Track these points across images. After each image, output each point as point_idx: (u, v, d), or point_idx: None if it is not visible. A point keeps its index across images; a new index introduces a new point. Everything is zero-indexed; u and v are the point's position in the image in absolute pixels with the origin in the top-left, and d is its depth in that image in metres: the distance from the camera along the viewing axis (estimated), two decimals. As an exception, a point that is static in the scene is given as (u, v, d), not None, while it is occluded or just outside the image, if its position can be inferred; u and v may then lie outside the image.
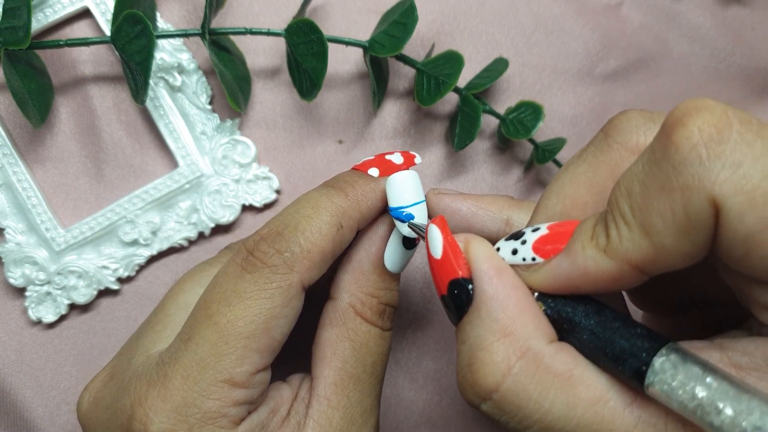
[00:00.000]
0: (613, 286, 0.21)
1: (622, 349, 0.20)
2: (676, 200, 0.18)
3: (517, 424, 0.21)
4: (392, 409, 0.39)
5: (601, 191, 0.23)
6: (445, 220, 0.24)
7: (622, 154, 0.22)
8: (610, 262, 0.20)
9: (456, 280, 0.23)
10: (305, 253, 0.26)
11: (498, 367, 0.21)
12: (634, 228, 0.19)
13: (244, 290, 0.26)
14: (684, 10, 0.41)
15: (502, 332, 0.21)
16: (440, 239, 0.24)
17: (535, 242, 0.22)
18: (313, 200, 0.28)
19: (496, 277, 0.22)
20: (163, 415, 0.25)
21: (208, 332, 0.25)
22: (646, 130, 0.22)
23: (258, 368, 0.26)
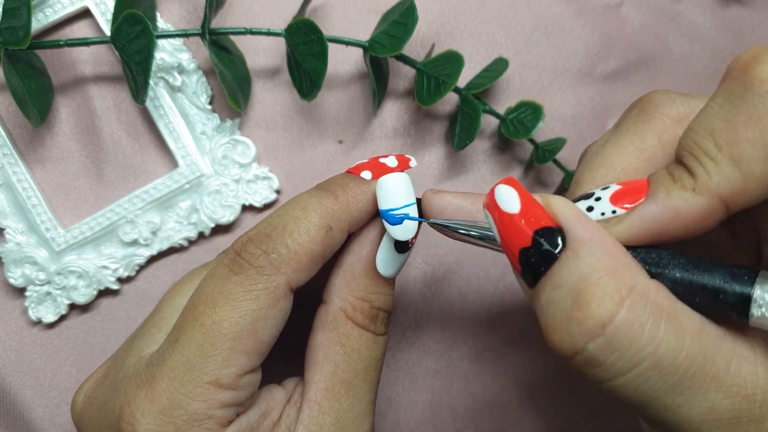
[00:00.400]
0: (702, 225, 0.21)
1: (721, 279, 0.21)
2: (765, 126, 0.20)
3: (626, 362, 0.21)
4: (392, 409, 0.39)
5: (650, 157, 0.24)
6: (516, 180, 0.24)
7: (666, 123, 0.24)
8: (700, 199, 0.21)
9: (543, 228, 0.22)
10: (292, 255, 0.26)
11: (612, 298, 0.21)
12: (722, 162, 0.21)
13: (230, 291, 0.26)
14: (684, 10, 0.41)
15: (608, 269, 0.21)
16: (515, 194, 0.23)
17: (612, 196, 0.23)
18: (302, 202, 0.28)
19: (588, 222, 0.22)
20: (150, 417, 0.25)
21: (194, 334, 0.25)
22: (682, 102, 0.24)
23: (245, 370, 0.25)
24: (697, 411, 0.21)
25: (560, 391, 0.40)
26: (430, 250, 0.40)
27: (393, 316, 0.40)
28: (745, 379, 0.21)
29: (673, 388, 0.21)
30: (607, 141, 0.26)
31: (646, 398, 0.21)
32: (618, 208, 0.22)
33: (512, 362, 0.40)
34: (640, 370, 0.21)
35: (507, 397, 0.40)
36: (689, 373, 0.20)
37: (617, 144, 0.25)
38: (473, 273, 0.40)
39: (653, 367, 0.20)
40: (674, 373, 0.20)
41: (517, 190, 0.23)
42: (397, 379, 0.39)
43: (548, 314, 0.22)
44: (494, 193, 0.24)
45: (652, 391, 0.21)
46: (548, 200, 0.23)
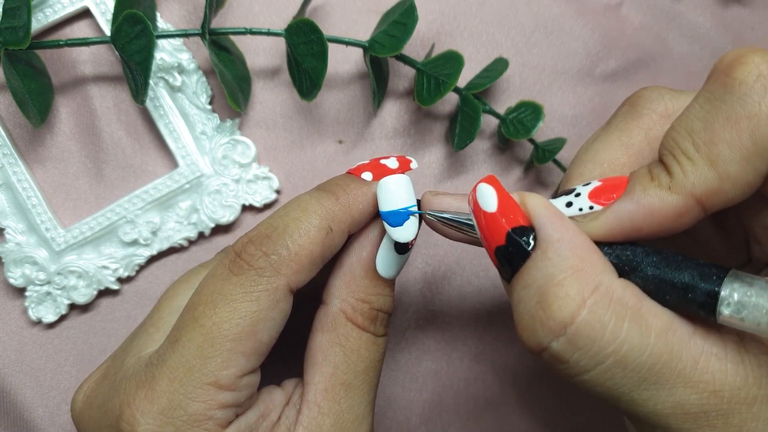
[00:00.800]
0: (677, 223, 0.22)
1: (691, 277, 0.21)
2: (743, 128, 0.20)
3: (589, 360, 0.21)
4: (392, 409, 0.39)
5: (637, 153, 0.24)
6: (496, 179, 0.25)
7: (653, 119, 0.24)
8: (675, 197, 0.21)
9: (517, 228, 0.23)
10: (293, 256, 0.26)
11: (573, 300, 0.21)
12: (698, 162, 0.21)
13: (230, 292, 0.26)
14: (684, 10, 0.41)
15: (573, 269, 0.22)
16: (493, 193, 0.24)
17: (591, 192, 0.23)
18: (303, 203, 0.28)
19: (560, 222, 0.23)
20: (150, 417, 0.25)
21: (194, 334, 0.25)
22: (671, 98, 0.24)
23: (244, 371, 0.25)
24: (664, 405, 0.21)
25: (560, 391, 0.40)
26: (430, 250, 0.40)
27: (393, 316, 0.40)
28: (713, 375, 0.21)
29: (638, 384, 0.21)
30: (596, 137, 0.26)
31: (613, 393, 0.21)
32: (595, 205, 0.23)
33: (512, 362, 0.40)
34: (603, 367, 0.21)
35: (507, 397, 0.40)
36: (654, 370, 0.21)
37: (605, 140, 0.26)
38: (473, 273, 0.40)
39: (617, 364, 0.21)
40: (639, 369, 0.21)
41: (496, 188, 0.24)
42: (397, 379, 0.39)
43: (518, 312, 0.23)
44: (475, 191, 0.24)
45: (618, 387, 0.21)
46: (524, 198, 0.24)
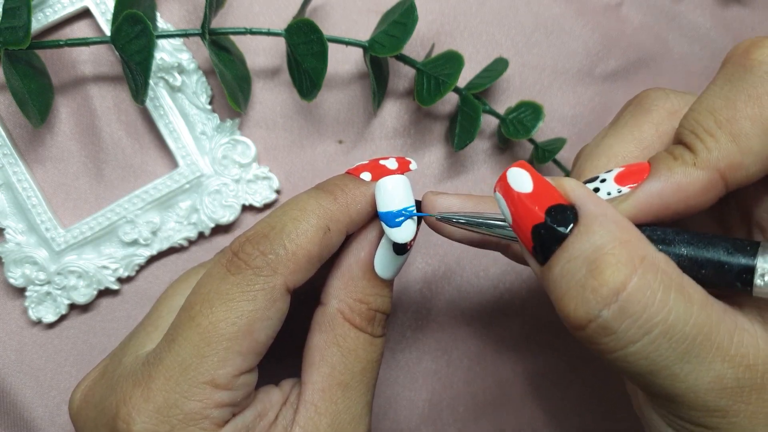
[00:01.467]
0: (703, 199, 0.23)
1: (725, 251, 0.22)
2: (765, 104, 0.21)
3: (638, 330, 0.21)
4: (392, 409, 0.39)
5: (648, 146, 0.25)
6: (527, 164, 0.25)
7: (662, 115, 0.25)
8: (701, 173, 0.22)
9: (556, 206, 0.23)
10: (290, 256, 0.26)
11: (626, 266, 0.21)
12: (721, 138, 0.22)
13: (227, 292, 0.26)
14: (684, 10, 0.41)
15: (620, 240, 0.22)
16: (527, 175, 0.24)
17: (616, 177, 0.24)
18: (301, 203, 0.28)
19: (599, 200, 0.23)
20: (146, 415, 0.25)
21: (190, 333, 0.25)
22: (675, 97, 0.25)
23: (241, 370, 0.25)
24: (704, 380, 0.21)
25: (560, 390, 0.40)
26: (430, 250, 0.40)
27: (393, 315, 0.40)
28: (747, 349, 0.21)
29: (681, 356, 0.21)
30: (606, 134, 0.27)
31: (655, 367, 0.21)
32: (623, 188, 0.24)
33: (512, 362, 0.40)
34: (651, 337, 0.21)
35: (507, 396, 0.40)
36: (697, 341, 0.21)
37: (616, 135, 0.26)
38: (473, 273, 0.40)
39: (664, 334, 0.21)
40: (683, 340, 0.21)
41: (530, 171, 0.24)
42: (397, 379, 0.39)
43: (562, 286, 0.22)
44: (506, 175, 0.24)
45: (661, 359, 0.21)
46: (560, 181, 0.24)
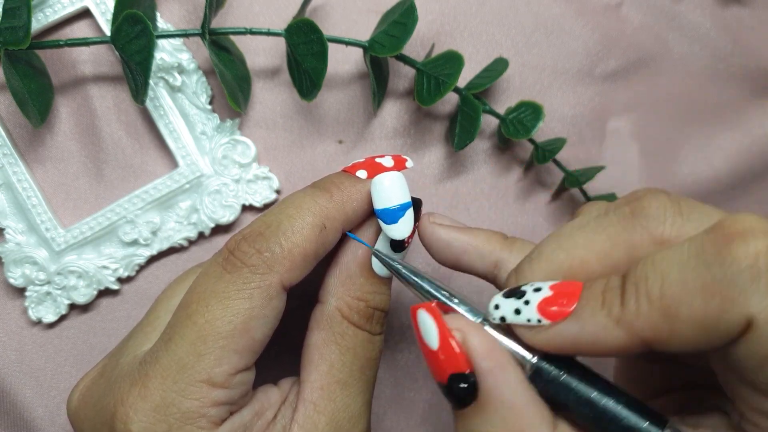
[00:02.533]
0: (618, 354, 0.21)
1: (625, 428, 0.21)
2: (713, 305, 0.19)
3: None
4: (392, 409, 0.39)
5: (613, 265, 0.22)
6: (437, 309, 0.24)
7: (644, 240, 0.22)
8: (621, 333, 0.20)
9: (457, 375, 0.23)
10: (286, 254, 0.26)
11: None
12: (656, 308, 0.20)
13: (223, 290, 0.26)
14: (684, 10, 0.41)
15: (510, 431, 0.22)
16: (435, 329, 0.23)
17: (540, 303, 0.22)
18: (297, 200, 0.28)
19: (501, 375, 0.22)
20: (143, 414, 0.25)
21: (186, 332, 0.25)
22: (673, 222, 0.22)
23: (238, 369, 0.25)
24: None
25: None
26: (430, 250, 0.40)
27: (393, 315, 0.40)
28: None
29: None
30: (582, 227, 0.24)
31: None
32: (543, 319, 0.22)
33: (512, 362, 0.40)
34: None
35: (507, 397, 0.40)
36: None
37: (588, 238, 0.23)
38: (473, 273, 0.40)
39: None
40: None
41: (437, 322, 0.23)
42: (397, 379, 0.39)
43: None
44: (416, 317, 0.24)
45: None
46: (466, 337, 0.23)
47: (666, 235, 0.22)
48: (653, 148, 0.41)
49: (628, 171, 0.41)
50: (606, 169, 0.40)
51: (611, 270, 0.22)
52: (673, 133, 0.42)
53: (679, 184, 0.41)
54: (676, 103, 0.41)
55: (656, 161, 0.41)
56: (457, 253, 0.28)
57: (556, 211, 0.41)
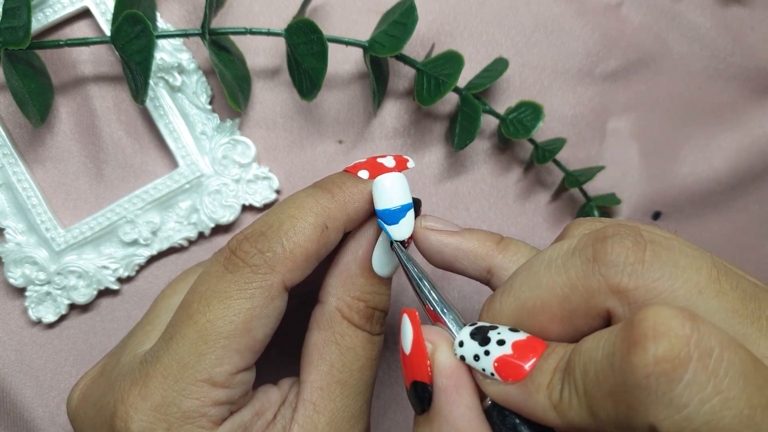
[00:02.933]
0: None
1: None
2: (621, 411, 0.18)
3: None
4: (392, 409, 0.39)
5: (573, 310, 0.22)
6: (416, 315, 0.25)
7: (601, 288, 0.21)
8: (557, 418, 0.21)
9: (418, 383, 0.24)
10: (287, 254, 0.26)
11: None
12: (583, 404, 0.20)
13: (225, 290, 0.26)
14: (684, 10, 0.41)
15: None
16: (411, 336, 0.24)
17: (497, 359, 0.23)
18: (298, 200, 0.28)
19: (453, 396, 0.23)
20: (143, 414, 0.25)
21: (188, 331, 0.25)
22: (632, 272, 0.21)
23: (239, 368, 0.26)
24: None
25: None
26: (430, 250, 0.40)
27: (393, 316, 0.39)
28: None
29: None
30: (549, 265, 0.23)
31: None
32: (496, 374, 0.22)
33: (512, 362, 0.40)
34: None
35: (507, 397, 0.40)
36: None
37: (551, 282, 0.23)
38: (473, 273, 0.40)
39: None
40: None
41: (414, 328, 0.24)
42: (398, 379, 0.39)
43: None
44: (402, 318, 0.25)
45: None
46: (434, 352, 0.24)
47: (623, 285, 0.21)
48: (653, 148, 0.41)
49: (628, 171, 0.41)
50: (606, 169, 0.40)
51: (570, 315, 0.22)
52: (673, 133, 0.42)
53: (679, 184, 0.41)
54: (676, 103, 0.41)
55: (656, 161, 0.41)
56: (449, 259, 0.28)
57: (556, 211, 0.41)
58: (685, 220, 0.42)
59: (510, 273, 0.27)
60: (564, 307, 0.22)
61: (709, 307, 0.20)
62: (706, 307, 0.20)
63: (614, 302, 0.21)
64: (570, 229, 0.26)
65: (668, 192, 0.41)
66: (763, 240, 0.42)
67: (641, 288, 0.21)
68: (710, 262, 0.21)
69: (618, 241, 0.21)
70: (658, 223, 0.42)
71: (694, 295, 0.20)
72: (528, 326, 0.23)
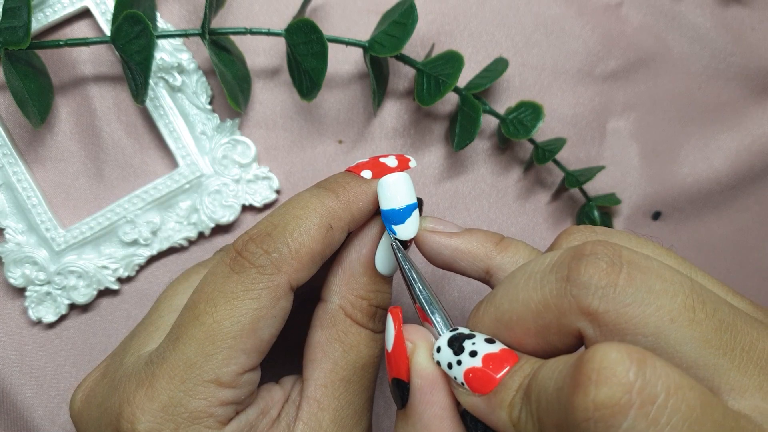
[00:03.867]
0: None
1: None
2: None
3: None
4: (392, 408, 0.39)
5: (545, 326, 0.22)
6: (400, 314, 0.25)
7: (572, 309, 0.21)
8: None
9: (397, 380, 0.25)
10: (293, 254, 0.26)
11: None
12: (536, 430, 0.20)
13: (231, 290, 0.26)
14: (684, 10, 0.41)
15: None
16: (392, 332, 0.25)
17: (467, 370, 0.23)
18: (303, 201, 0.28)
19: (428, 396, 0.24)
20: (150, 414, 0.25)
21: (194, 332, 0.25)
22: (603, 296, 0.20)
23: (245, 368, 0.26)
24: None
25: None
26: (430, 250, 0.40)
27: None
28: None
29: None
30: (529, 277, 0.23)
31: None
32: (465, 384, 0.23)
33: (512, 362, 0.40)
34: None
35: (507, 397, 0.40)
36: None
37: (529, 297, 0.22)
38: (473, 273, 0.40)
39: None
40: None
41: (396, 326, 0.25)
42: (397, 379, 0.39)
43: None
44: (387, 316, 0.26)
45: None
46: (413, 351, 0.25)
47: (593, 308, 0.20)
48: (653, 148, 0.41)
49: (628, 171, 0.41)
50: (606, 169, 0.40)
51: (543, 330, 0.22)
52: (673, 133, 0.42)
53: (679, 184, 0.41)
54: (676, 103, 0.41)
55: (656, 161, 0.41)
56: (448, 261, 0.28)
57: (556, 211, 0.41)
58: (685, 220, 0.42)
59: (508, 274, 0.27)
60: (537, 322, 0.22)
61: (679, 336, 0.20)
62: (677, 336, 0.20)
63: (585, 323, 0.21)
64: (560, 238, 0.26)
65: (668, 192, 0.41)
66: (763, 240, 0.42)
67: (611, 312, 0.20)
68: (688, 288, 0.21)
69: (592, 261, 0.21)
70: (658, 223, 0.42)
71: (666, 323, 0.20)
72: (504, 337, 0.23)
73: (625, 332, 0.20)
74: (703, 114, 0.42)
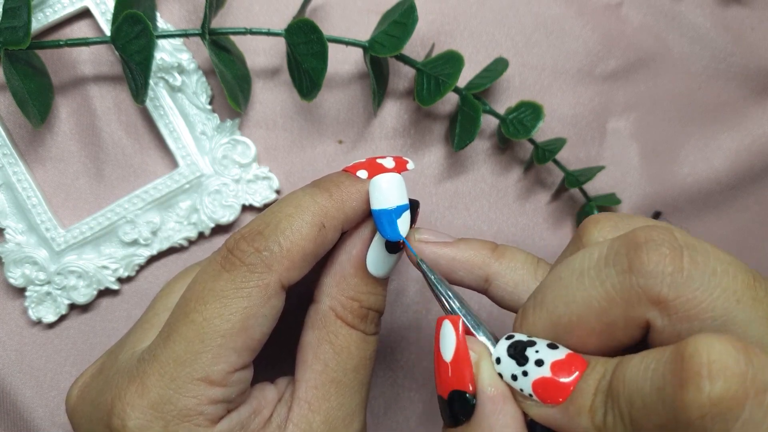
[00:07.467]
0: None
1: None
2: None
3: None
4: (392, 409, 0.39)
5: (611, 323, 0.21)
6: (460, 322, 0.24)
7: (641, 300, 0.20)
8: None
9: (459, 393, 0.23)
10: (285, 253, 0.26)
11: None
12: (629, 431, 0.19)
13: (221, 289, 0.26)
14: (684, 10, 0.41)
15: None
16: (453, 343, 0.24)
17: (536, 381, 0.22)
18: (296, 199, 0.28)
19: (501, 405, 0.23)
20: (140, 411, 0.25)
21: (184, 330, 0.25)
22: (672, 282, 0.20)
23: (235, 367, 0.25)
24: None
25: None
26: (430, 250, 0.40)
27: (393, 316, 0.40)
28: None
29: None
30: (581, 275, 0.22)
31: None
32: (534, 396, 0.22)
33: (512, 362, 0.40)
34: None
35: (507, 397, 0.40)
36: None
37: (586, 295, 0.22)
38: (473, 273, 0.40)
39: None
40: None
41: (456, 336, 0.24)
42: (397, 379, 0.39)
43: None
44: (440, 327, 0.25)
45: None
46: (479, 362, 0.23)
47: (663, 296, 0.20)
48: (653, 148, 0.41)
49: (628, 171, 0.41)
50: (606, 169, 0.40)
51: (609, 328, 0.21)
52: (673, 133, 0.42)
53: (679, 184, 0.41)
54: (676, 103, 0.41)
55: (656, 161, 0.41)
56: (445, 271, 0.28)
57: (556, 211, 0.41)
58: (685, 220, 0.42)
59: (508, 280, 0.27)
60: (602, 320, 0.21)
61: (745, 316, 0.19)
62: (743, 316, 0.19)
63: (654, 313, 0.20)
64: (588, 229, 0.24)
65: (668, 192, 0.41)
66: (763, 240, 0.42)
67: (681, 298, 0.20)
68: (744, 267, 0.20)
69: (653, 248, 0.20)
70: (658, 223, 0.42)
71: (732, 304, 0.20)
72: (565, 341, 0.23)
73: (695, 317, 0.20)
74: (703, 114, 0.42)
